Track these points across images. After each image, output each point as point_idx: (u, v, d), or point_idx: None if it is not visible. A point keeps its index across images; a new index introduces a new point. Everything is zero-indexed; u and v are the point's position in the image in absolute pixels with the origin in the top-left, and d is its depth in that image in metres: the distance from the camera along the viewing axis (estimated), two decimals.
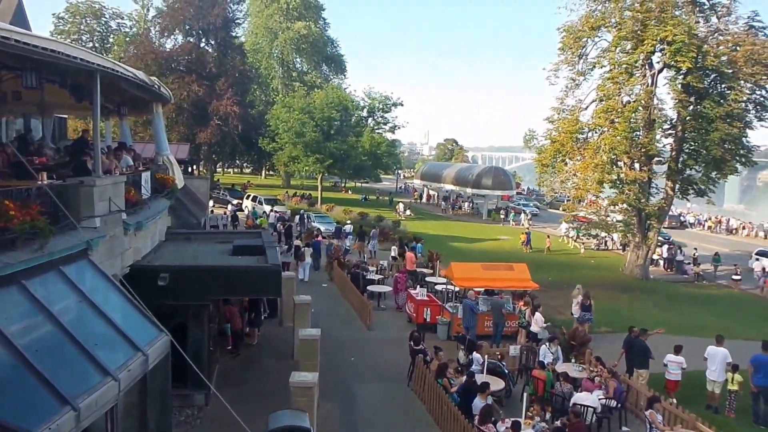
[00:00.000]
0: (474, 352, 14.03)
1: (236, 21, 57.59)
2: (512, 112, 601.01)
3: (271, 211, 40.51)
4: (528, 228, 43.68)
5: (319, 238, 30.54)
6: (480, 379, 12.47)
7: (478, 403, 11.29)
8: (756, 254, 35.03)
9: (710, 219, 57.85)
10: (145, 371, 7.85)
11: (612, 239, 39.73)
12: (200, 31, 53.73)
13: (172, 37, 55.44)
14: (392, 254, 27.76)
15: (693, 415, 11.54)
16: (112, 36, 63.03)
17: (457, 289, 19.50)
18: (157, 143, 16.32)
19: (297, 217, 38.73)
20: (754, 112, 29.70)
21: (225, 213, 39.09)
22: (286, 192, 57.92)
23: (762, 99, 29.40)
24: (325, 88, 59.04)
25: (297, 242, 28.52)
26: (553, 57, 32.40)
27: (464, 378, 12.59)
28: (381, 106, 54.08)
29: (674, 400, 12.65)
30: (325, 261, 27.12)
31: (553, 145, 31.58)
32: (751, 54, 27.59)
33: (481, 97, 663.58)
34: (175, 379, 9.33)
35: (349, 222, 36.51)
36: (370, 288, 21.98)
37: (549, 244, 38.20)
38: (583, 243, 38.79)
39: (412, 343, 14.55)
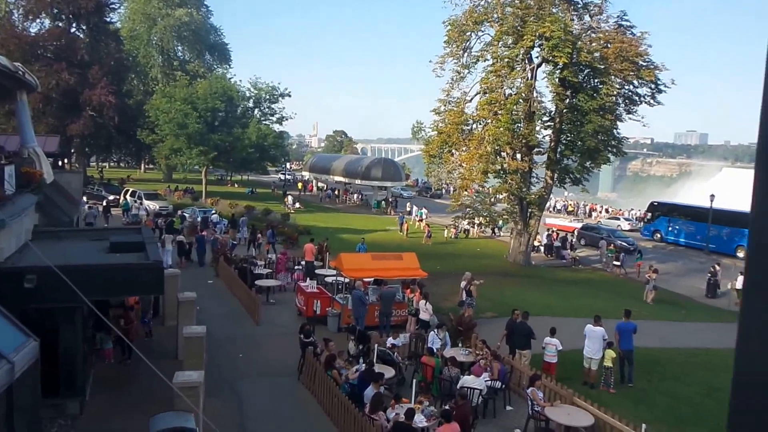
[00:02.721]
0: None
1: (111, 5, 53.55)
2: (401, 104, 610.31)
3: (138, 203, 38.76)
4: (422, 220, 44.35)
5: (204, 232, 29.12)
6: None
7: (370, 392, 11.14)
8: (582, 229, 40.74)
9: (570, 204, 63.41)
10: (11, 381, 7.13)
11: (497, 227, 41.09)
12: (70, 15, 49.46)
13: (38, 20, 50.75)
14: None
15: (570, 391, 11.99)
16: None
17: (347, 280, 19.21)
18: (22, 135, 15.16)
19: (188, 213, 36.92)
20: (623, 105, 31.82)
21: (100, 209, 36.45)
22: (168, 186, 55.01)
23: (630, 93, 31.54)
24: (209, 77, 56.56)
25: (180, 238, 27.10)
26: (440, 50, 32.77)
27: (356, 369, 12.39)
28: (268, 97, 52.64)
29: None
30: (210, 257, 25.89)
31: (439, 137, 32.15)
32: (620, 51, 29.48)
33: (370, 89, 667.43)
34: (46, 388, 8.73)
35: (214, 211, 35.69)
36: (258, 282, 21.19)
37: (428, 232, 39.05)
38: (454, 228, 39.74)
39: (302, 336, 14.23)
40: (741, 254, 35.42)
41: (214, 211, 36.65)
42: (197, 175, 58.07)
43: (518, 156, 31.38)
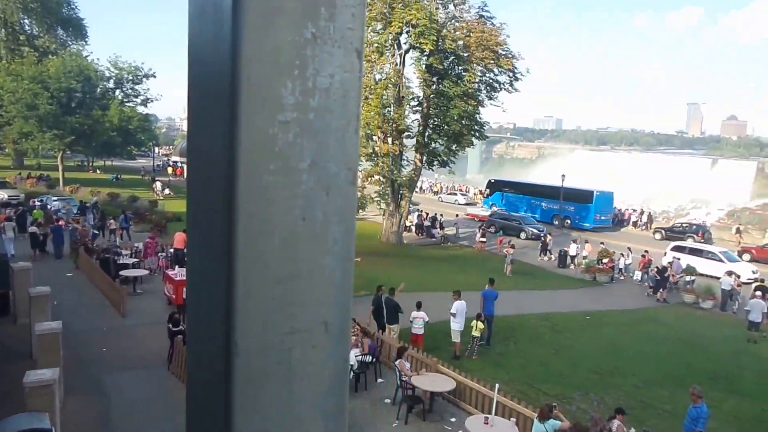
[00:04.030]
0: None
1: None
2: None
3: None
4: None
5: (61, 222, 27.19)
6: None
7: None
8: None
9: (436, 185, 67.07)
10: None
11: None
12: None
13: None
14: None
15: (435, 359, 12.89)
16: None
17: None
18: None
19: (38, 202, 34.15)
20: (485, 92, 33.77)
21: None
22: (19, 173, 50.36)
23: (491, 81, 33.53)
24: (62, 54, 52.16)
25: (33, 228, 25.16)
26: None
27: None
28: (130, 78, 49.61)
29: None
30: (69, 248, 24.32)
31: None
32: (481, 40, 31.18)
33: None
34: None
35: (56, 198, 33.79)
36: (123, 273, 20.28)
37: None
38: None
39: (170, 325, 13.93)
40: (557, 222, 42.72)
41: (56, 198, 34.33)
42: (53, 161, 53.61)
43: (389, 140, 32.34)
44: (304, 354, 0.82)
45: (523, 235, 36.20)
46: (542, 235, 34.79)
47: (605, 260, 28.77)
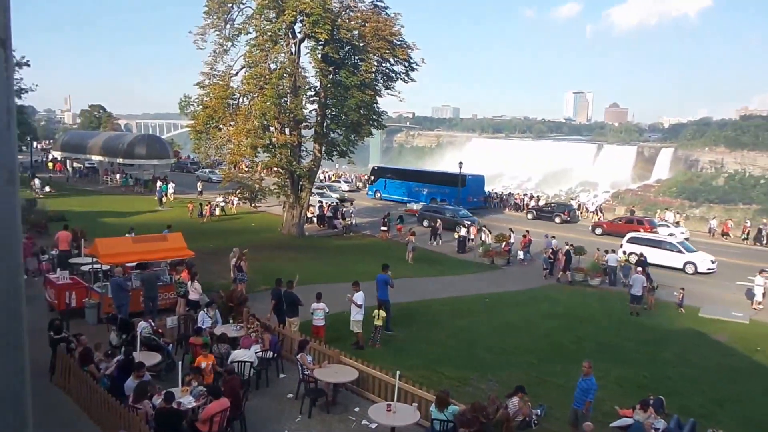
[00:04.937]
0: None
1: None
2: (172, 76, 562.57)
3: None
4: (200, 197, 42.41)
5: None
6: (136, 356, 11.69)
7: (131, 383, 10.62)
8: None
9: (335, 175, 67.18)
10: None
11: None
12: None
13: None
14: None
15: (337, 351, 12.80)
16: None
17: (107, 267, 17.83)
18: None
19: None
20: (382, 81, 33.83)
21: None
22: None
23: (387, 71, 33.67)
24: None
25: None
26: (200, 21, 31.39)
27: (116, 360, 11.68)
28: None
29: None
30: None
31: (205, 111, 31.09)
32: (376, 30, 31.15)
33: (135, 59, 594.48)
34: None
35: None
36: None
37: (207, 212, 38.00)
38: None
39: (51, 333, 12.90)
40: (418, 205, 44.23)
41: None
42: None
43: (286, 130, 31.76)
44: None
45: (463, 230, 33.12)
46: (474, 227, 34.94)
47: (502, 244, 29.92)
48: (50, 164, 59.82)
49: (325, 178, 64.16)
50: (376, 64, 32.64)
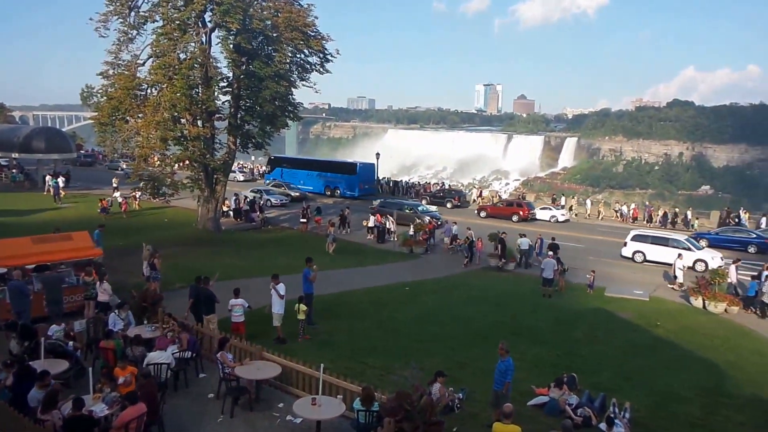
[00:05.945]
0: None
1: None
2: (73, 64, 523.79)
3: None
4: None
5: None
6: (38, 365, 10.92)
7: (35, 393, 9.93)
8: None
9: (255, 167, 66.15)
10: None
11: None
12: None
13: None
14: None
15: (260, 347, 12.53)
16: None
17: (4, 270, 16.56)
18: None
19: None
20: (297, 73, 33.29)
21: None
22: None
23: (302, 62, 33.17)
24: None
25: None
26: (102, 7, 29.65)
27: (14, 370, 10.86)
28: None
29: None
30: None
31: (110, 102, 29.39)
32: (289, 21, 30.52)
33: (32, 44, 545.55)
34: None
35: None
36: None
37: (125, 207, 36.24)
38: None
39: None
40: (328, 193, 48.40)
41: None
42: None
43: (199, 122, 30.69)
44: None
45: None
46: (438, 221, 35.01)
47: (420, 233, 30.38)
48: None
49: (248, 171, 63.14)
50: (290, 55, 32.09)
